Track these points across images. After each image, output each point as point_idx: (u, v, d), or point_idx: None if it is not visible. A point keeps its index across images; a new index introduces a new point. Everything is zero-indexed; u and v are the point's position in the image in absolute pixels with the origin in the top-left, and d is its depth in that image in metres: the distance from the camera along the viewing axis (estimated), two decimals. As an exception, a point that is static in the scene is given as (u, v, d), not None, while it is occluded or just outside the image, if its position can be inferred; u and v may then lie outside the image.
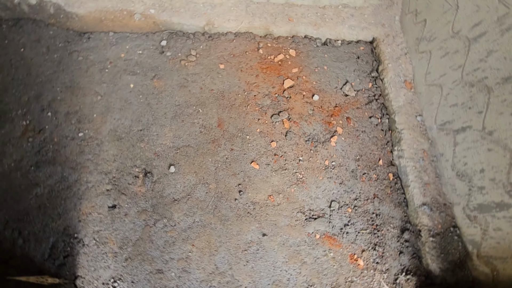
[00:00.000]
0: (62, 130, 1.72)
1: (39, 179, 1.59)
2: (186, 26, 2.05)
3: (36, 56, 1.91)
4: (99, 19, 1.98)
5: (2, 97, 1.77)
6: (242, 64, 2.00)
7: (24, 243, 1.45)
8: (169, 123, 1.79)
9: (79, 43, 1.98)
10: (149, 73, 1.93)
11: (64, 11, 1.94)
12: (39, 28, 1.99)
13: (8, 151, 1.64)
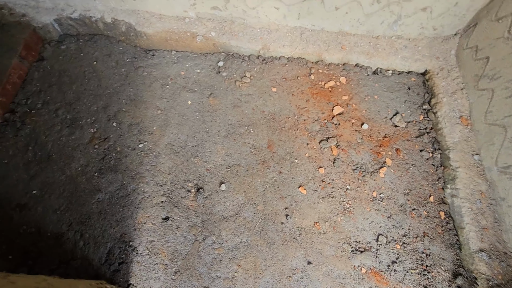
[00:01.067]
0: (125, 140, 1.74)
1: (101, 185, 1.60)
2: (243, 49, 2.03)
3: (106, 69, 1.96)
4: (165, 39, 2.01)
5: (75, 105, 1.82)
6: (293, 88, 1.94)
7: (84, 245, 1.46)
8: (221, 141, 1.76)
9: (144, 60, 2.02)
10: (206, 91, 1.92)
11: (134, 30, 1.99)
12: (110, 43, 2.05)
13: (76, 156, 1.67)
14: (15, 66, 1.84)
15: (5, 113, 1.77)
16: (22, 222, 1.48)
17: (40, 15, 1.99)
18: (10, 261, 1.40)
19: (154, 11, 2.01)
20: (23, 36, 1.91)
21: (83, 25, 2.06)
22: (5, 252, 1.41)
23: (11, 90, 1.82)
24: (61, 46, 2.02)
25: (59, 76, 1.92)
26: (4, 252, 1.41)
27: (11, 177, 1.60)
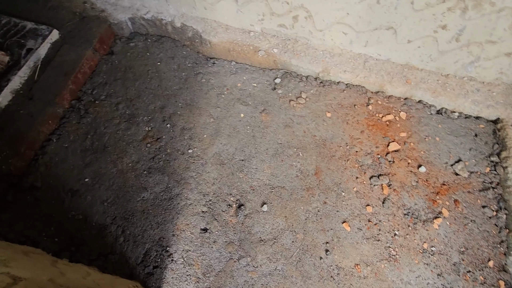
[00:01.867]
0: (176, 143, 1.75)
1: (148, 184, 1.62)
2: (302, 69, 1.98)
3: (168, 71, 2.01)
4: (227, 49, 2.02)
5: (134, 101, 1.88)
6: (348, 117, 1.85)
7: (124, 242, 1.47)
8: (269, 159, 1.71)
9: (204, 66, 2.04)
10: (259, 106, 1.89)
11: (200, 37, 2.02)
12: (175, 47, 2.10)
13: (129, 151, 1.72)
14: (88, 57, 1.94)
15: (72, 99, 1.87)
16: (72, 208, 1.54)
17: (117, 12, 2.10)
18: (55, 243, 1.45)
19: (222, 22, 2.03)
20: (100, 31, 2.02)
21: (153, 26, 2.13)
22: (53, 234, 1.47)
23: (81, 79, 1.92)
24: (130, 43, 2.11)
25: (125, 71, 1.99)
26: (52, 234, 1.47)
27: (68, 161, 1.67)
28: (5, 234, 1.43)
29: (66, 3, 2.12)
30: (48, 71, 1.85)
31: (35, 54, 1.86)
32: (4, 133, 1.63)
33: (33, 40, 1.90)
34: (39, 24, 1.96)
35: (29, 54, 1.84)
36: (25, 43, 1.88)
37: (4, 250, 1.07)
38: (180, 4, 1.99)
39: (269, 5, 1.80)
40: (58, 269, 1.04)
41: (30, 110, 1.71)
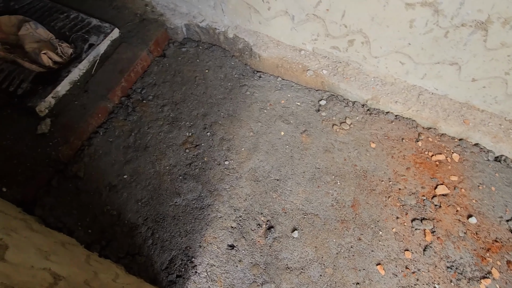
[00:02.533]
0: (213, 153, 1.75)
1: (182, 190, 1.63)
2: (350, 94, 1.91)
3: (215, 79, 2.03)
4: (276, 65, 2.00)
5: (179, 105, 1.92)
6: (394, 150, 1.74)
7: (152, 245, 1.48)
8: (305, 183, 1.65)
9: (250, 79, 2.04)
10: (301, 126, 1.84)
11: (250, 50, 2.03)
12: (225, 57, 2.13)
13: (168, 154, 1.74)
14: (142, 57, 2.02)
15: (122, 96, 1.94)
16: (108, 202, 1.58)
17: (174, 18, 2.17)
18: (88, 235, 1.49)
19: (274, 37, 2.02)
20: (156, 33, 2.10)
21: (206, 34, 2.18)
22: (87, 225, 1.51)
23: (133, 77, 1.99)
24: (182, 48, 2.17)
25: (174, 75, 2.04)
26: (87, 225, 1.51)
27: (111, 156, 1.72)
28: (45, 217, 1.49)
29: (129, 4, 2.24)
30: (105, 67, 1.94)
31: (96, 50, 1.96)
32: (58, 120, 1.73)
33: (96, 36, 2.01)
34: (103, 22, 2.08)
35: (91, 49, 1.95)
36: (88, 38, 1.99)
37: (45, 238, 1.10)
38: (235, 16, 2.01)
39: (326, 27, 1.76)
40: (91, 267, 1.05)
41: (84, 102, 1.80)
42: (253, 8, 1.89)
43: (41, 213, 1.51)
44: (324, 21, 1.73)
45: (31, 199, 1.55)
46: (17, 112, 1.73)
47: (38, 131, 1.67)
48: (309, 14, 1.74)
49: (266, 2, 1.80)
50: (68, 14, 2.09)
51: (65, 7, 2.14)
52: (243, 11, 1.94)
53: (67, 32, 2.02)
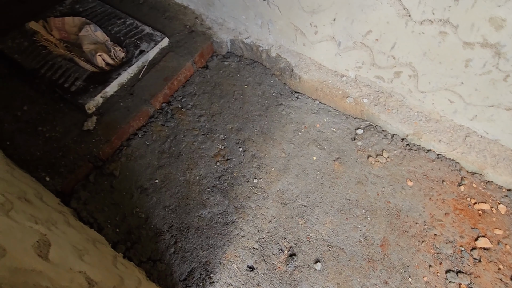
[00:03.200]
0: (243, 169, 1.76)
1: (208, 203, 1.64)
2: (390, 126, 1.84)
3: (253, 96, 2.05)
4: (315, 88, 1.99)
5: (215, 117, 1.96)
6: (433, 192, 1.64)
7: (174, 253, 1.49)
8: (333, 213, 1.60)
9: (287, 99, 2.04)
10: (334, 153, 1.80)
11: (291, 70, 2.04)
12: (265, 74, 2.15)
13: (200, 165, 1.77)
14: (187, 67, 2.09)
15: (163, 102, 2.02)
16: (137, 204, 1.62)
17: (221, 32, 2.24)
18: (115, 234, 1.53)
19: (317, 60, 2.01)
20: (202, 46, 2.18)
21: (249, 50, 2.22)
22: (116, 224, 1.56)
23: (176, 85, 2.07)
24: (224, 62, 2.23)
25: (214, 87, 2.10)
26: (115, 223, 1.56)
27: (146, 158, 1.78)
28: (79, 211, 1.56)
29: (180, 16, 2.35)
30: (151, 73, 2.04)
31: (145, 56, 2.07)
32: (103, 119, 1.83)
33: (147, 43, 2.12)
34: (155, 30, 2.19)
35: (141, 55, 2.06)
36: (140, 45, 2.11)
37: (79, 235, 1.15)
38: (280, 36, 2.04)
39: (373, 56, 1.72)
40: (118, 270, 1.08)
41: (128, 104, 1.89)
42: (300, 31, 1.90)
43: (76, 206, 1.58)
44: (372, 50, 1.70)
45: (69, 191, 1.64)
46: (69, 107, 1.86)
47: (84, 127, 1.77)
48: (357, 42, 1.72)
49: (313, 26, 1.81)
50: (125, 20, 2.24)
51: (123, 13, 2.29)
52: (289, 33, 1.96)
53: (122, 37, 2.15)
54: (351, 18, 1.63)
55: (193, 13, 2.34)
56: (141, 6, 2.40)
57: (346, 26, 1.68)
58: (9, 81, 1.96)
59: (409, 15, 1.43)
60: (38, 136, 1.74)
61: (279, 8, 1.85)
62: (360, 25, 1.62)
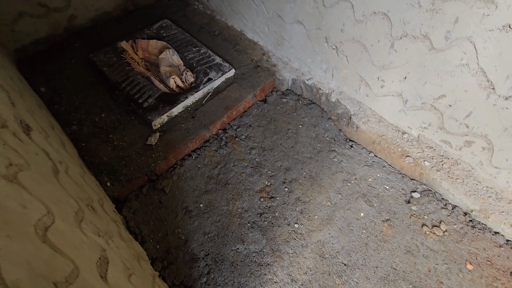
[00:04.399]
0: (286, 210, 1.73)
1: (246, 239, 1.63)
2: (452, 196, 1.69)
3: (306, 137, 2.06)
4: (372, 140, 1.92)
5: (266, 152, 1.99)
6: (497, 283, 1.43)
7: (205, 284, 1.50)
8: (375, 281, 1.48)
9: (341, 146, 2.00)
10: (384, 213, 1.69)
11: (349, 118, 2.01)
12: (321, 117, 2.15)
13: (244, 197, 1.79)
14: (247, 100, 2.19)
15: (220, 129, 2.12)
16: (180, 225, 1.68)
17: (285, 71, 2.32)
18: (155, 250, 1.59)
19: (378, 112, 1.96)
20: (265, 81, 2.27)
21: (309, 91, 2.26)
22: (157, 240, 1.63)
23: (234, 115, 2.17)
24: (283, 99, 2.29)
25: (269, 122, 2.15)
26: (157, 239, 1.63)
27: (195, 181, 1.86)
28: (129, 219, 1.66)
29: (249, 50, 2.50)
30: (214, 100, 2.17)
31: (212, 84, 2.22)
32: (164, 136, 1.97)
33: (215, 72, 2.28)
34: (224, 61, 2.35)
35: (208, 82, 2.21)
36: (209, 73, 2.27)
37: (128, 250, 1.21)
38: (343, 83, 2.04)
39: (442, 120, 1.63)
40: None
41: (189, 127, 2.02)
42: (365, 82, 1.89)
43: (127, 214, 1.69)
44: (442, 114, 1.61)
45: (123, 198, 1.76)
46: (138, 120, 2.05)
47: (148, 141, 1.92)
48: (426, 103, 1.65)
49: (381, 80, 1.78)
50: (200, 49, 2.44)
51: (199, 42, 2.51)
52: (353, 81, 1.96)
53: (194, 64, 2.34)
54: (424, 80, 1.57)
55: (261, 49, 2.48)
56: (216, 37, 2.61)
57: (417, 86, 1.62)
58: (96, 89, 2.24)
59: (492, 88, 1.34)
60: (108, 143, 1.93)
61: (348, 58, 1.87)
62: (433, 88, 1.56)
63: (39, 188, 0.84)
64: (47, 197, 0.84)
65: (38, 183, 0.86)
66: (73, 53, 2.48)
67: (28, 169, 0.86)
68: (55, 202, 0.88)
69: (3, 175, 0.71)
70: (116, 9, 2.76)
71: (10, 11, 2.21)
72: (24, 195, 0.73)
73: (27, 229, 0.63)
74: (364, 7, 1.57)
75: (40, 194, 0.81)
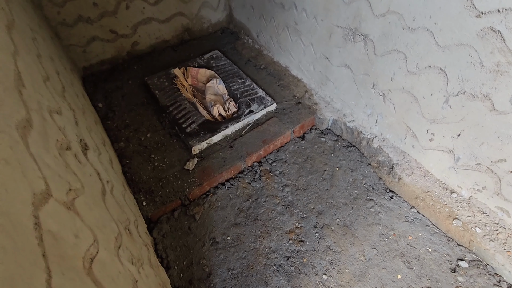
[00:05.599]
0: (315, 258, 1.64)
1: (270, 282, 1.56)
2: (508, 273, 1.48)
3: (342, 181, 1.98)
4: (415, 194, 1.79)
5: (299, 192, 1.94)
6: None
7: (223, 325, 1.43)
8: None
9: (379, 196, 1.89)
10: (424, 279, 1.53)
11: (391, 167, 1.91)
12: (360, 162, 2.07)
13: (272, 237, 1.74)
14: (285, 135, 2.19)
15: (255, 162, 2.12)
16: (205, 256, 1.66)
17: (326, 110, 2.30)
18: (179, 278, 1.58)
19: (424, 166, 1.84)
20: (305, 118, 2.27)
21: (349, 133, 2.20)
22: (182, 268, 1.61)
23: (270, 149, 2.17)
24: (321, 138, 2.25)
25: (305, 160, 2.11)
26: (181, 267, 1.62)
27: (225, 211, 1.85)
28: (157, 242, 1.68)
29: (292, 86, 2.54)
30: (253, 132, 2.20)
31: (253, 116, 2.26)
32: (201, 163, 2.02)
33: (257, 104, 2.33)
34: (267, 95, 2.41)
35: (249, 114, 2.26)
36: (251, 105, 2.33)
37: (155, 279, 1.20)
38: (387, 131, 1.97)
39: (500, 185, 1.48)
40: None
41: (226, 156, 2.06)
42: (412, 132, 1.80)
43: (156, 236, 1.72)
44: (500, 179, 1.46)
45: (155, 220, 1.80)
46: (179, 144, 2.13)
47: (186, 166, 1.98)
48: (482, 165, 1.51)
49: (430, 133, 1.69)
50: (245, 81, 2.54)
51: (244, 74, 2.62)
52: (399, 130, 1.88)
53: (238, 95, 2.43)
54: (480, 140, 1.46)
55: (304, 87, 2.51)
56: (261, 71, 2.71)
57: (472, 146, 1.51)
58: (146, 109, 2.40)
59: None
60: (149, 162, 2.02)
61: (395, 106, 1.81)
62: (491, 150, 1.44)
63: (89, 213, 0.88)
64: (95, 223, 0.88)
65: (89, 208, 0.91)
66: (131, 74, 2.71)
67: (83, 193, 0.91)
68: (101, 227, 0.92)
69: (64, 202, 0.76)
70: (174, 38, 3.01)
71: (85, 35, 2.50)
72: (77, 223, 0.77)
73: (77, 263, 0.65)
74: (418, 60, 1.54)
75: (90, 220, 0.85)
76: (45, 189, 0.69)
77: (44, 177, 0.72)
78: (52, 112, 1.07)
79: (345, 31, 1.88)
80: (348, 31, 1.86)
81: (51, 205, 0.68)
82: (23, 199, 0.58)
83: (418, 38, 1.48)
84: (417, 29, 1.47)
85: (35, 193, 0.64)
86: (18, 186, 0.58)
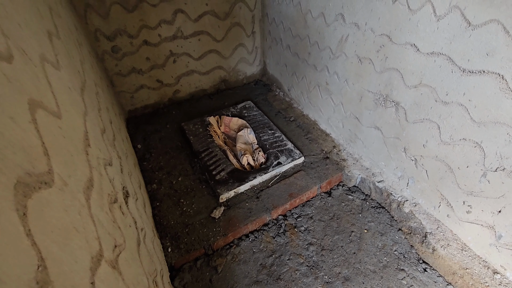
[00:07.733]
0: (340, 332, 1.52)
1: None
2: None
3: (371, 245, 1.89)
4: (452, 270, 1.66)
5: (325, 252, 1.87)
6: None
7: None
8: None
9: (411, 267, 1.77)
10: None
11: (424, 236, 1.81)
12: (390, 226, 1.99)
13: (294, 301, 1.66)
14: (312, 190, 2.19)
15: (280, 215, 2.11)
16: (225, 314, 1.60)
17: (354, 167, 2.30)
18: (195, 337, 1.52)
19: (461, 238, 1.73)
20: (333, 174, 2.27)
21: (378, 194, 2.15)
22: (200, 326, 1.56)
23: (296, 203, 2.16)
24: (349, 196, 2.22)
25: (331, 218, 2.07)
26: (199, 325, 1.56)
27: (247, 266, 1.82)
28: (177, 292, 1.66)
29: (320, 140, 2.59)
30: (280, 185, 2.22)
31: (280, 168, 2.31)
32: (228, 212, 2.04)
33: (285, 157, 2.38)
34: (295, 148, 2.47)
35: (277, 166, 2.31)
36: (279, 156, 2.39)
37: None
38: (420, 196, 1.90)
39: (552, 274, 1.34)
40: None
41: (252, 207, 2.07)
42: (447, 201, 1.73)
43: (178, 286, 1.70)
44: (552, 267, 1.33)
45: (177, 267, 1.80)
46: (208, 191, 2.19)
47: (212, 214, 2.01)
48: (529, 247, 1.40)
49: (467, 205, 1.61)
50: (274, 132, 2.64)
51: (274, 125, 2.73)
52: (432, 197, 1.81)
53: (267, 145, 2.51)
54: (525, 221, 1.37)
55: (333, 142, 2.55)
56: (290, 123, 2.81)
57: (516, 225, 1.41)
58: (180, 153, 2.54)
59: None
60: (177, 207, 2.09)
61: (428, 172, 1.78)
62: (539, 234, 1.34)
63: (128, 270, 0.92)
64: (132, 281, 0.92)
65: (128, 264, 0.95)
66: (170, 119, 2.93)
67: (124, 249, 0.97)
68: (135, 284, 0.95)
69: (110, 261, 0.81)
70: (211, 88, 3.26)
71: (135, 84, 2.80)
72: (119, 283, 0.81)
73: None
74: (453, 131, 1.54)
75: (128, 279, 0.89)
76: (99, 250, 0.75)
77: (99, 237, 0.78)
78: (106, 165, 1.18)
79: (376, 96, 1.96)
80: (379, 96, 1.93)
81: (102, 267, 0.73)
82: (84, 267, 0.63)
83: (452, 111, 1.51)
84: (451, 103, 1.50)
85: (92, 256, 0.69)
86: (83, 253, 0.64)
